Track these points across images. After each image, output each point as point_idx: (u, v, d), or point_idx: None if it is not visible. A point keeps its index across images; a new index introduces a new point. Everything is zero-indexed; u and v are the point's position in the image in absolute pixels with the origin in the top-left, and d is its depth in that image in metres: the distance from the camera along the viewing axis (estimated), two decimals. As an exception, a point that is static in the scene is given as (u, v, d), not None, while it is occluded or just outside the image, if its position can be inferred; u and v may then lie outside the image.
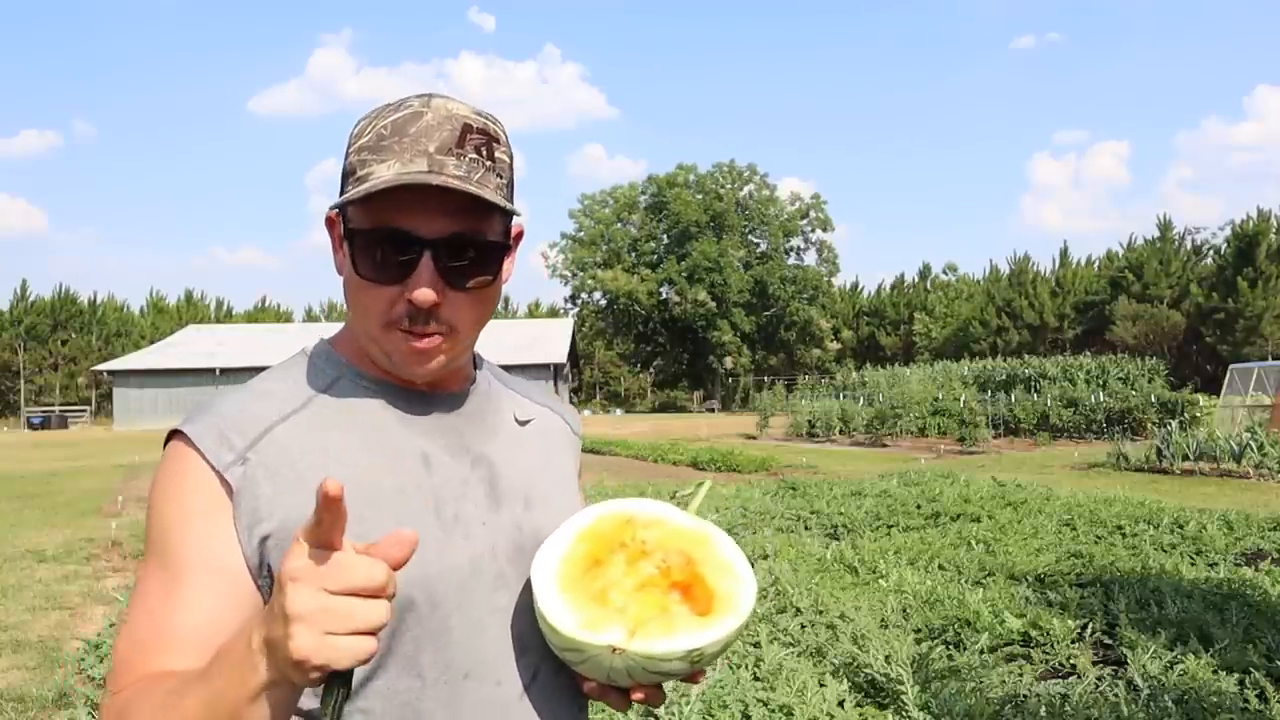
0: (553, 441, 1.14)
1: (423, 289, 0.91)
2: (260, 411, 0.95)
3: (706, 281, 51.54)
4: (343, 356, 1.04)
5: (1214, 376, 33.11)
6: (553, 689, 1.00)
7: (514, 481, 1.04)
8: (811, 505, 9.91)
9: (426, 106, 0.93)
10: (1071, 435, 22.51)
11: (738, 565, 0.97)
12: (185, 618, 0.87)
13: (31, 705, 4.57)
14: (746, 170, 56.13)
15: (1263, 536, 7.58)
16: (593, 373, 63.43)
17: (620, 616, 0.90)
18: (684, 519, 1.02)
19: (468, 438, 1.03)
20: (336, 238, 0.99)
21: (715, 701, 3.70)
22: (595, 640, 0.88)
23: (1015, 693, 3.98)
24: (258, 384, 1.00)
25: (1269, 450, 13.22)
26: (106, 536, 9.46)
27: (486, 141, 0.94)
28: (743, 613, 0.93)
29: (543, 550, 0.96)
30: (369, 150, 0.92)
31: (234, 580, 0.89)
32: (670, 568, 0.96)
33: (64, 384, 54.69)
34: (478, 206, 0.93)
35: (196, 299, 63.64)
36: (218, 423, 0.93)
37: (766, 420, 27.23)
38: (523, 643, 0.97)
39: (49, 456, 23.98)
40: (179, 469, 0.92)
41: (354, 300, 0.97)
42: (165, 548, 0.90)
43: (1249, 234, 45.53)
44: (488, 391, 1.09)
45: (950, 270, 62.24)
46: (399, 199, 0.89)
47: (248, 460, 0.90)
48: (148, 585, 0.90)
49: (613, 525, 0.99)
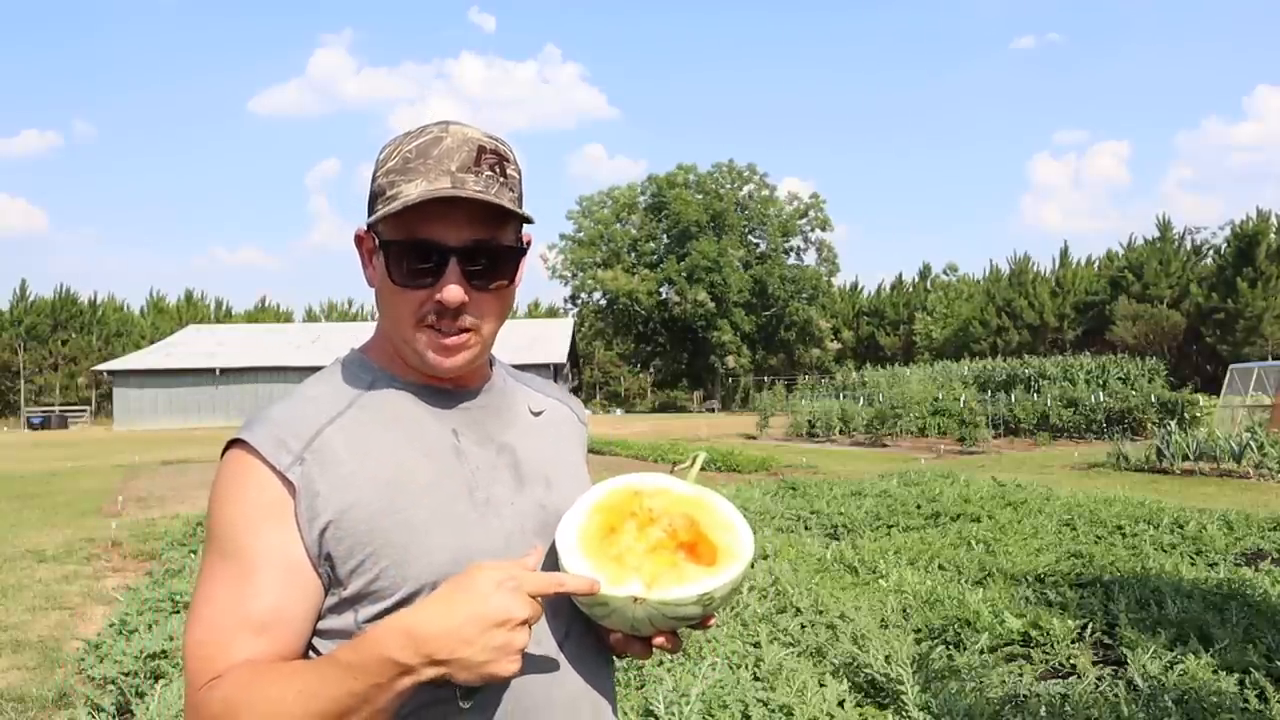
0: (563, 429, 1.27)
1: (451, 288, 1.03)
2: (310, 416, 1.06)
3: (706, 281, 51.53)
4: (375, 362, 1.15)
5: (1214, 376, 33.11)
6: (583, 646, 1.12)
7: (534, 465, 1.16)
8: (811, 505, 9.91)
9: (445, 132, 1.06)
10: (1071, 435, 22.51)
11: (736, 522, 1.09)
12: (262, 604, 0.97)
13: (31, 705, 4.57)
14: (746, 170, 56.12)
15: (1263, 536, 7.58)
16: (593, 373, 63.42)
17: (637, 573, 1.02)
18: (685, 487, 1.13)
19: (490, 428, 1.15)
20: (367, 253, 1.12)
21: (715, 701, 3.70)
22: (618, 593, 0.99)
23: (1015, 693, 3.98)
24: (303, 391, 1.11)
25: (1269, 450, 13.22)
26: (106, 536, 9.46)
27: (499, 161, 1.06)
28: (745, 558, 1.04)
29: (563, 523, 1.07)
30: (396, 172, 1.04)
31: (299, 571, 1.00)
32: (676, 530, 1.07)
33: (64, 384, 54.67)
34: (496, 217, 1.06)
35: (196, 299, 63.61)
36: (274, 429, 1.04)
37: (766, 420, 27.23)
38: (554, 607, 1.07)
39: (49, 456, 23.96)
40: (242, 472, 1.02)
41: (387, 305, 1.08)
42: (235, 545, 1.00)
43: (1249, 234, 45.52)
44: (504, 387, 1.22)
45: (950, 270, 62.23)
46: (427, 213, 1.02)
47: (304, 460, 1.02)
48: (217, 579, 1.00)
49: (622, 497, 1.11)
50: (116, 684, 4.51)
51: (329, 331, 49.33)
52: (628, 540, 1.06)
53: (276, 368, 41.62)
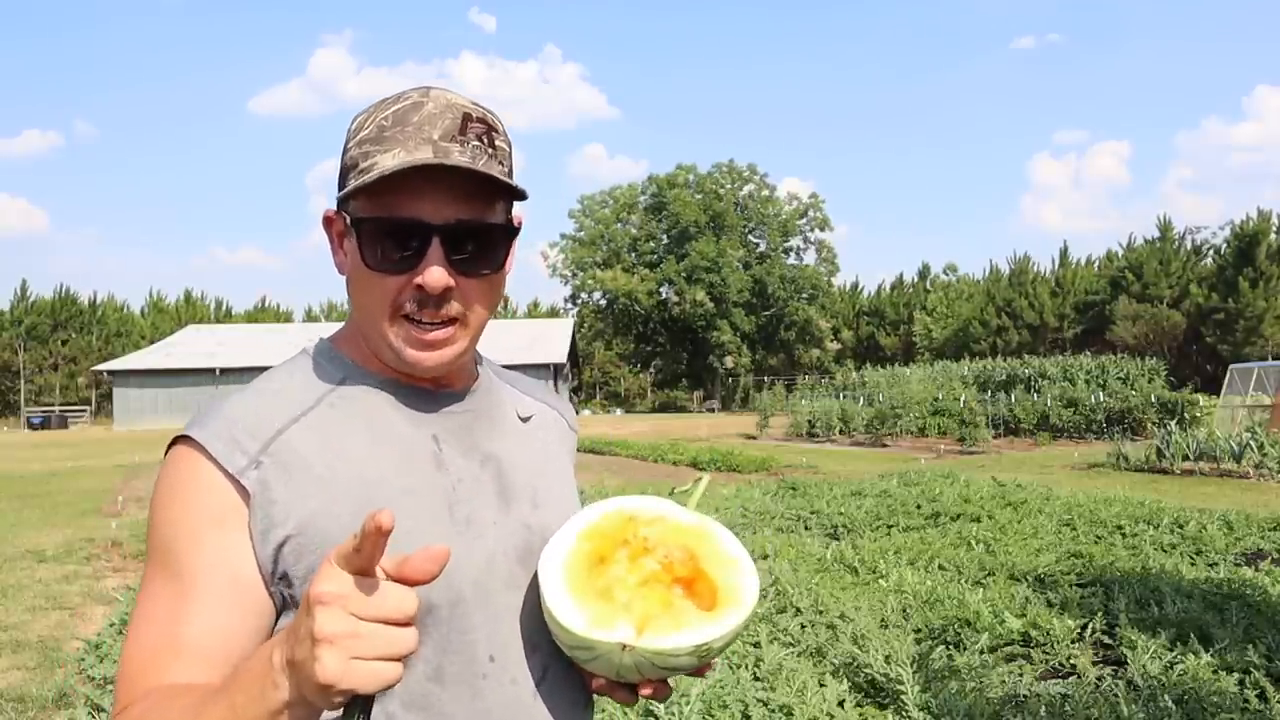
0: (552, 437, 1.14)
1: (434, 271, 0.89)
2: (270, 413, 0.93)
3: (705, 281, 51.51)
4: (346, 356, 1.02)
5: (1214, 376, 33.09)
6: (564, 685, 1.00)
7: (520, 480, 1.03)
8: (811, 505, 9.91)
9: (426, 97, 0.93)
10: (1071, 435, 22.50)
11: (740, 559, 0.98)
12: (196, 628, 0.85)
13: (31, 705, 4.56)
14: (746, 170, 56.12)
15: (1263, 536, 7.58)
16: (592, 373, 63.40)
17: (626, 613, 0.90)
18: (685, 515, 1.02)
19: (476, 435, 1.02)
20: (336, 235, 0.98)
21: (715, 701, 3.70)
22: (605, 639, 0.89)
23: (1015, 693, 3.98)
24: (263, 384, 0.97)
25: (1269, 450, 13.21)
26: (106, 536, 9.46)
27: (487, 130, 0.93)
28: (747, 605, 0.93)
29: (548, 550, 0.97)
30: (371, 142, 0.91)
31: (246, 589, 0.87)
32: (673, 563, 0.96)
33: (64, 384, 54.67)
34: (484, 193, 0.92)
35: (196, 299, 63.59)
36: (227, 426, 0.90)
37: (766, 420, 27.21)
38: (533, 641, 0.98)
39: (49, 456, 23.97)
40: (188, 474, 0.89)
41: (360, 294, 0.96)
42: (174, 557, 0.87)
43: (1249, 234, 45.52)
44: (490, 388, 1.09)
45: (950, 270, 62.23)
46: (405, 187, 0.89)
47: (261, 464, 0.89)
48: (155, 595, 0.88)
49: (615, 523, 0.99)
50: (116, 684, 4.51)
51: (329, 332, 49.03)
52: (618, 571, 0.94)
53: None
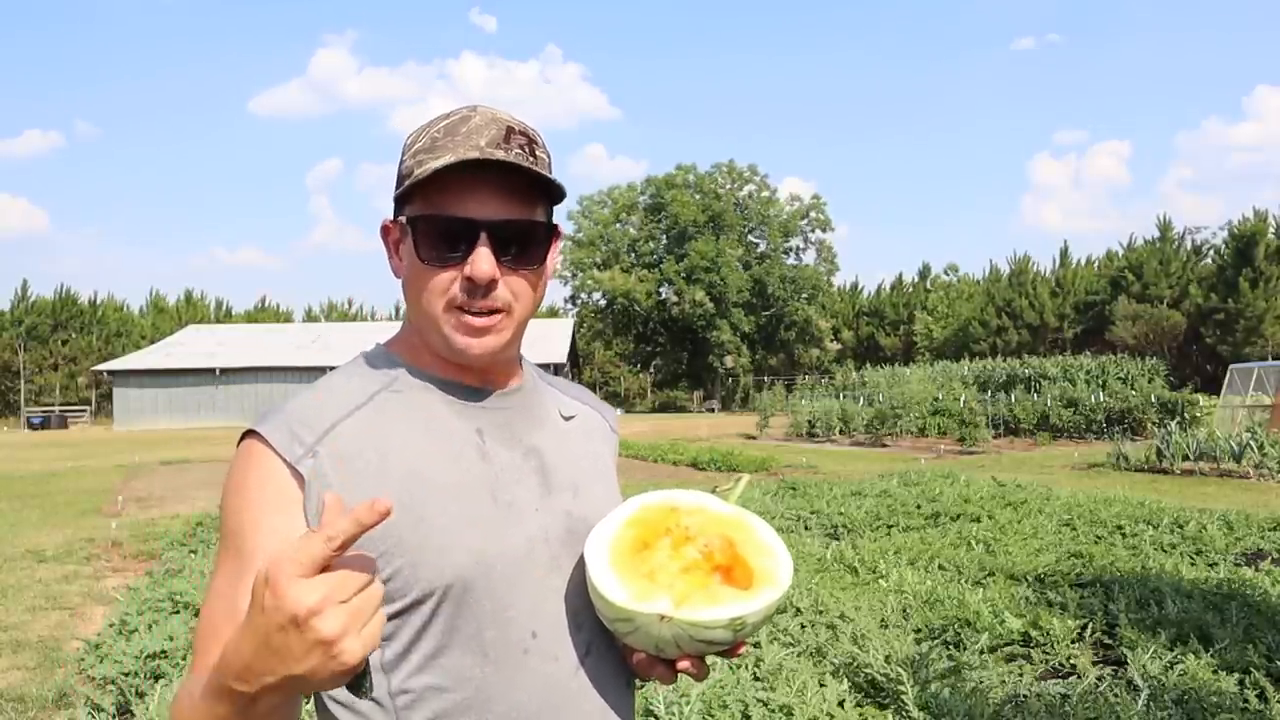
0: (594, 437, 1.22)
1: (481, 264, 0.99)
2: (326, 408, 1.02)
3: (704, 281, 51.49)
4: (400, 357, 1.11)
5: (1214, 376, 33.11)
6: (605, 664, 1.07)
7: (562, 471, 1.12)
8: (811, 505, 9.92)
9: (474, 112, 1.04)
10: (1071, 435, 22.49)
11: (775, 546, 1.03)
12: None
13: (31, 705, 4.57)
14: (747, 170, 56.10)
15: (1263, 536, 7.58)
16: (592, 373, 63.39)
17: (668, 592, 0.97)
18: (724, 507, 1.08)
19: (518, 430, 1.11)
20: (393, 243, 1.09)
21: (715, 701, 3.70)
22: (645, 609, 0.94)
23: (1015, 693, 3.98)
24: (322, 384, 1.07)
25: (1269, 450, 13.21)
26: (106, 536, 9.46)
27: (528, 142, 1.04)
28: (782, 585, 0.99)
29: (594, 533, 1.04)
30: (424, 152, 1.02)
31: None
32: (713, 551, 1.02)
33: (64, 384, 54.64)
34: (526, 195, 1.03)
35: (196, 299, 63.56)
36: (287, 420, 1.00)
37: (766, 420, 27.21)
38: (577, 621, 1.05)
39: (49, 456, 23.95)
40: (253, 464, 0.98)
41: (415, 287, 1.04)
42: (239, 538, 0.96)
43: (1248, 234, 45.51)
44: (534, 389, 1.17)
45: (950, 270, 62.21)
46: (454, 188, 1.00)
47: (317, 453, 0.98)
48: (222, 573, 0.96)
49: (658, 512, 1.06)
50: (116, 684, 4.51)
51: (329, 331, 49.28)
52: (661, 558, 1.01)
53: (277, 368, 41.61)
